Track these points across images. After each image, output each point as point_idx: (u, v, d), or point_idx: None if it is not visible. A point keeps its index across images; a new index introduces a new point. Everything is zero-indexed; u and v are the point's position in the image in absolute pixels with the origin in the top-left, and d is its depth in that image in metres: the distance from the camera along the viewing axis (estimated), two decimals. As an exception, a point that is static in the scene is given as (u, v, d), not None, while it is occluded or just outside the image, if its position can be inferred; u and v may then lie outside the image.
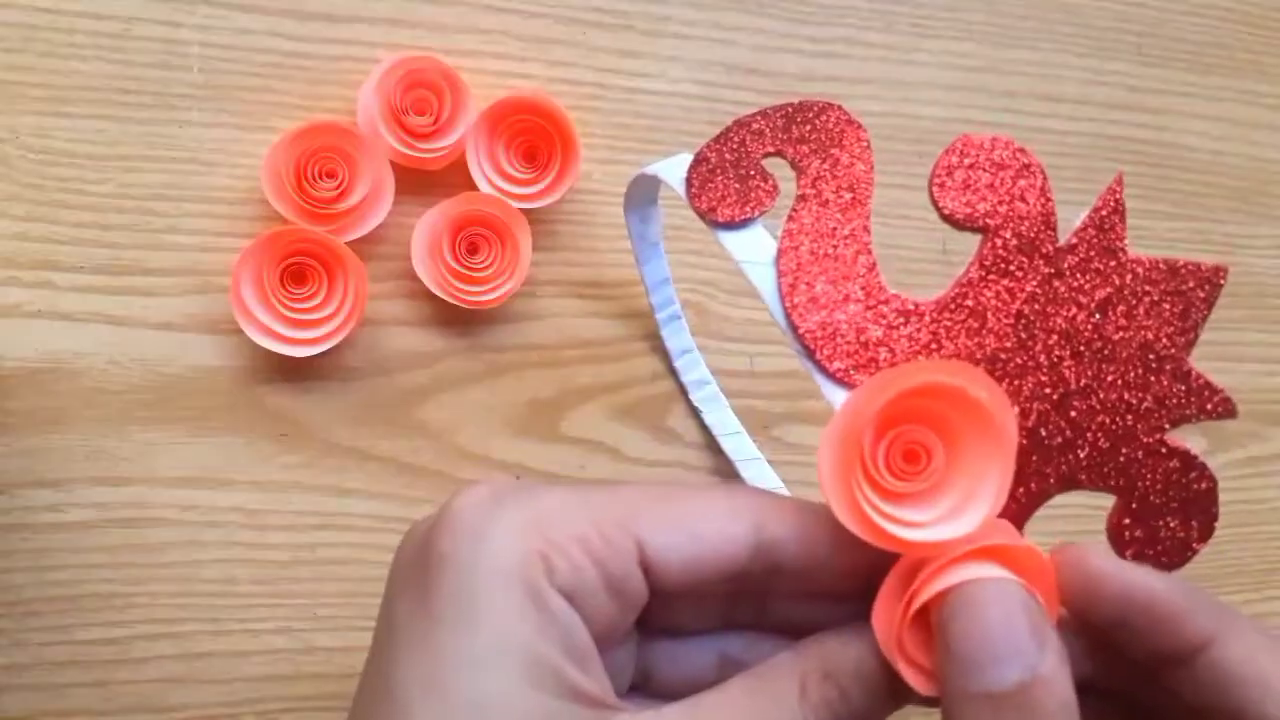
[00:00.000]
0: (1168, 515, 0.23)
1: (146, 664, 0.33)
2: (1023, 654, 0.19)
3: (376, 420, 0.36)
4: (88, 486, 0.33)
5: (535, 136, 0.36)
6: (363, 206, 0.34)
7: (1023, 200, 0.24)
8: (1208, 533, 0.23)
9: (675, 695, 0.22)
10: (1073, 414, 0.23)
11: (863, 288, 0.24)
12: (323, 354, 0.34)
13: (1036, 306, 0.24)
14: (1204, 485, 0.23)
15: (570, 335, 0.37)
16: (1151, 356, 0.23)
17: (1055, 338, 0.23)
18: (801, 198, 0.25)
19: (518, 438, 0.37)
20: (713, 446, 0.38)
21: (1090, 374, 0.23)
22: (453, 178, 0.36)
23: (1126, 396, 0.23)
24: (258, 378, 0.35)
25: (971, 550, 0.20)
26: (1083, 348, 0.23)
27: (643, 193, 0.34)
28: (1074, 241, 0.24)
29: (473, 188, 0.36)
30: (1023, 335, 0.23)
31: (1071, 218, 0.24)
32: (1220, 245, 0.45)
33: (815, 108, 0.25)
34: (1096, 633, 0.22)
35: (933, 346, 0.23)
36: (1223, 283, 0.23)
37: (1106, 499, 0.23)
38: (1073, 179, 0.43)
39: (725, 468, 0.38)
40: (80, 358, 0.33)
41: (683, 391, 0.38)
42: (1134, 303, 0.23)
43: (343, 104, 0.36)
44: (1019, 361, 0.23)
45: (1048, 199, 0.24)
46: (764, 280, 0.24)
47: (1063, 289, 0.24)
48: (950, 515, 0.21)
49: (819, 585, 0.23)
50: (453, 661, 0.20)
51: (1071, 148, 0.43)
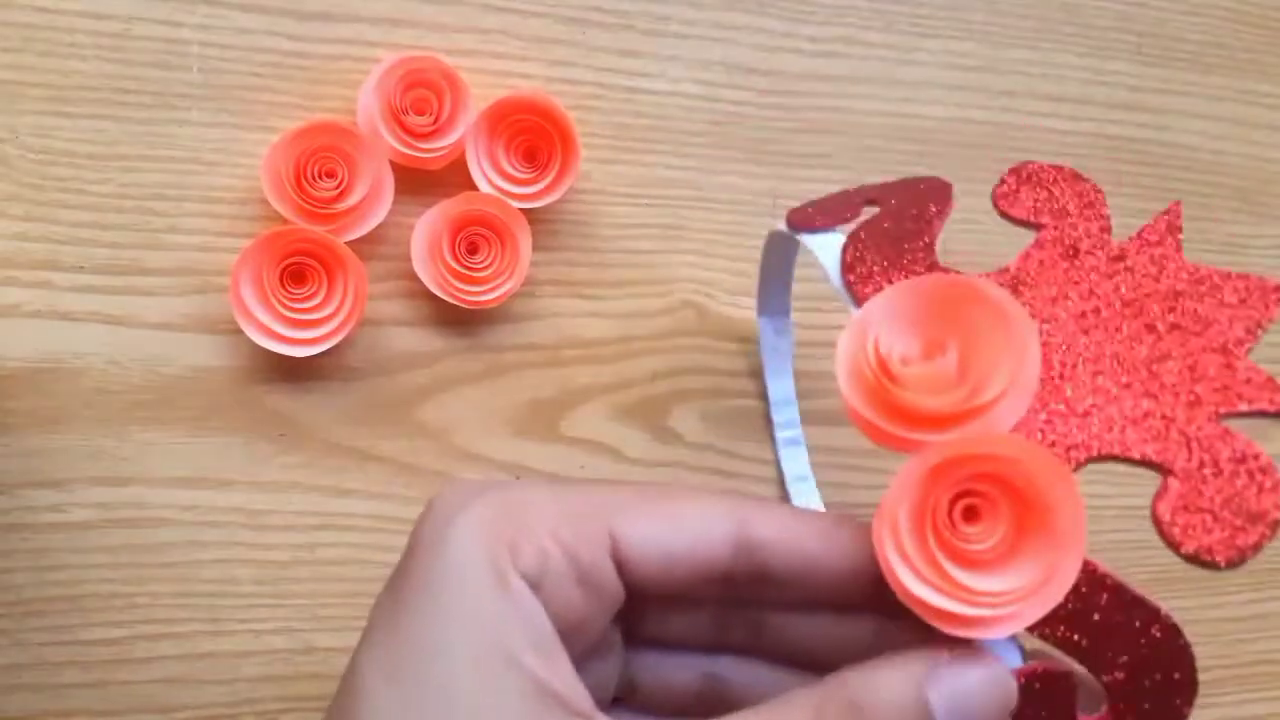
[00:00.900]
0: (1221, 507, 0.21)
1: (147, 664, 0.33)
2: None
3: (376, 420, 0.36)
4: (88, 486, 0.33)
5: (535, 136, 0.36)
6: (362, 206, 0.34)
7: (1077, 206, 0.25)
8: (1268, 533, 0.21)
9: (658, 710, 0.22)
10: (1136, 383, 0.23)
11: (921, 265, 0.25)
12: (322, 354, 0.34)
13: (1101, 279, 0.24)
14: (1266, 479, 0.21)
15: (570, 335, 0.37)
16: (1218, 345, 0.23)
17: (1121, 306, 0.24)
18: (878, 213, 0.26)
19: (518, 438, 0.37)
20: (713, 447, 0.38)
21: (1158, 348, 0.23)
22: (452, 177, 0.36)
23: (1191, 374, 0.23)
24: (257, 378, 0.35)
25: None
26: (1155, 321, 0.23)
27: (775, 293, 0.35)
28: (1129, 243, 0.24)
29: (473, 187, 0.36)
30: (1090, 301, 0.24)
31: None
32: (1220, 245, 0.45)
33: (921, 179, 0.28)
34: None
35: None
36: None
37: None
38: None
39: (725, 467, 0.38)
40: (80, 358, 0.33)
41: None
42: (1201, 298, 0.24)
43: (342, 104, 0.36)
44: (1085, 321, 0.23)
45: (1104, 211, 0.25)
46: (830, 259, 0.25)
47: (1127, 273, 0.24)
48: (1022, 595, 0.20)
49: (811, 594, 0.22)
50: (418, 647, 0.20)
51: (1072, 147, 0.43)
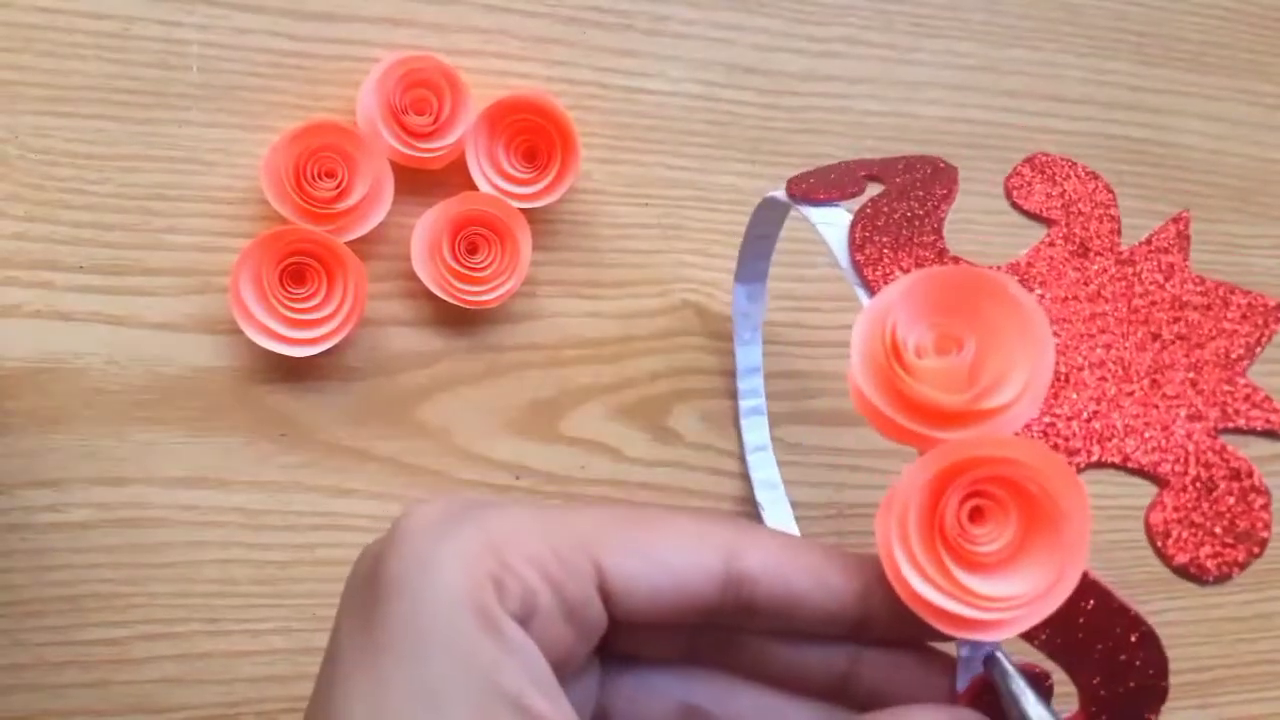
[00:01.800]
0: (1213, 523, 0.21)
1: (146, 664, 0.33)
2: None
3: (376, 420, 0.36)
4: (87, 486, 0.33)
5: (535, 136, 0.36)
6: (362, 206, 0.34)
7: (1088, 204, 0.25)
8: (1255, 551, 0.21)
9: None
10: (1138, 390, 0.23)
11: (928, 249, 0.24)
12: (322, 354, 0.34)
13: (1109, 283, 0.24)
14: (1257, 499, 0.21)
15: (570, 335, 0.37)
16: (1220, 359, 0.23)
17: (1128, 312, 0.23)
18: (885, 191, 0.26)
19: (518, 438, 0.37)
20: (713, 447, 0.38)
21: (1162, 357, 0.23)
22: (452, 177, 0.36)
23: (1192, 387, 0.23)
24: (257, 378, 0.35)
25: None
26: (1160, 330, 0.23)
27: (755, 259, 0.35)
28: (1138, 248, 0.24)
29: (472, 187, 0.36)
30: (1098, 304, 0.24)
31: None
32: (1220, 245, 0.45)
33: (919, 157, 0.27)
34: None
35: None
36: None
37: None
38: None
39: (725, 467, 0.38)
40: (80, 358, 0.33)
41: (749, 485, 0.38)
42: (1206, 310, 0.23)
43: (342, 103, 0.36)
44: (1092, 325, 0.23)
45: (1114, 211, 0.25)
46: (836, 237, 0.25)
47: (1135, 278, 0.24)
48: (1026, 600, 0.20)
49: (793, 625, 0.22)
50: (402, 694, 0.18)
51: (1072, 147, 0.43)
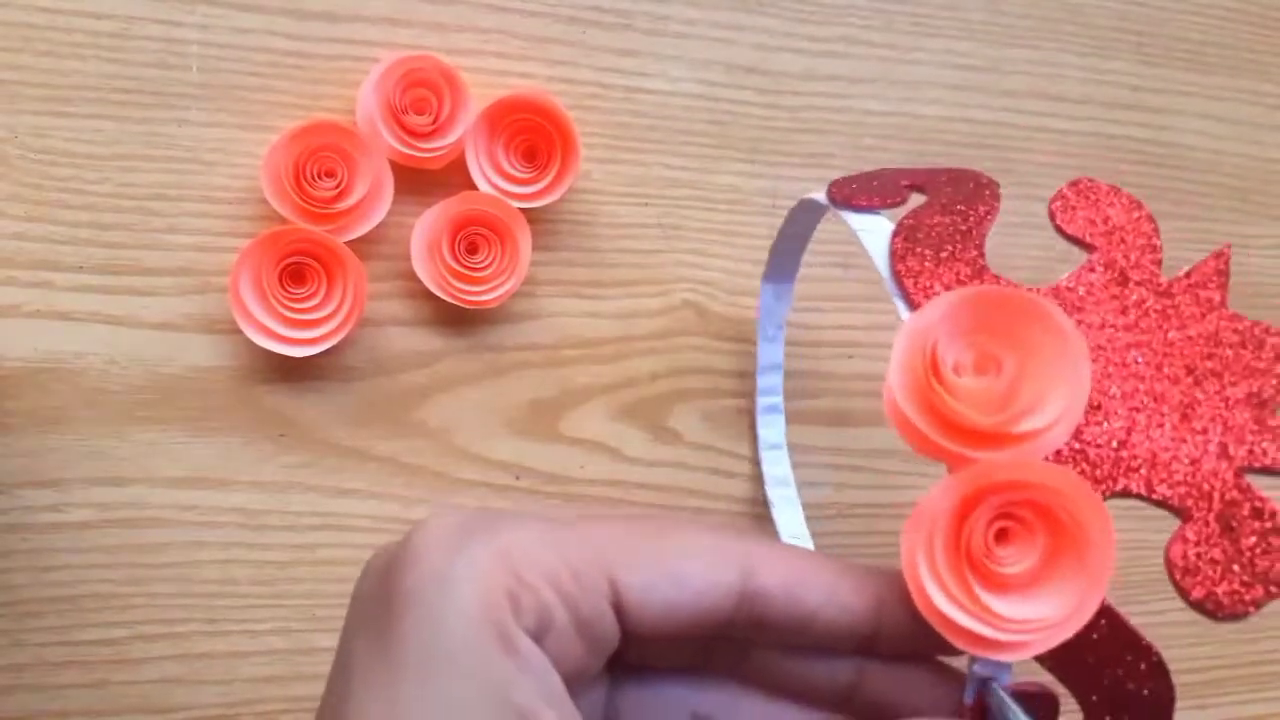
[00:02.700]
0: (1232, 560, 0.21)
1: (145, 664, 0.33)
2: None
3: (376, 420, 0.36)
4: (87, 487, 0.33)
5: (535, 136, 0.36)
6: (362, 206, 0.34)
7: (1131, 234, 0.25)
8: (1272, 592, 0.21)
9: None
10: (1168, 423, 0.23)
11: (969, 266, 0.24)
12: (322, 354, 0.34)
13: (1146, 313, 0.24)
14: (1277, 541, 0.21)
15: (570, 335, 0.37)
16: (1251, 398, 0.23)
17: (1163, 344, 0.23)
18: (928, 203, 0.26)
19: (518, 438, 0.37)
20: (713, 447, 0.38)
21: (1194, 392, 0.23)
22: (452, 177, 0.36)
23: (1222, 424, 0.23)
24: (257, 378, 0.35)
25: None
26: (1193, 364, 0.23)
27: (786, 259, 0.35)
28: (1178, 281, 0.25)
29: (472, 187, 0.36)
30: (1134, 334, 0.24)
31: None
32: (1219, 245, 0.45)
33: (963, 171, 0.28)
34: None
35: None
36: None
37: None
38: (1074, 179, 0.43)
39: (725, 467, 0.38)
40: (79, 358, 0.33)
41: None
42: (1241, 348, 0.24)
43: (342, 103, 0.36)
44: (1127, 354, 0.23)
45: (1156, 242, 0.25)
46: (876, 245, 0.25)
47: (1172, 311, 0.24)
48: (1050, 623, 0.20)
49: (804, 640, 0.22)
50: (417, 711, 0.18)
51: (1072, 147, 0.43)
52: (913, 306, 0.23)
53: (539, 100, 0.35)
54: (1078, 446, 0.22)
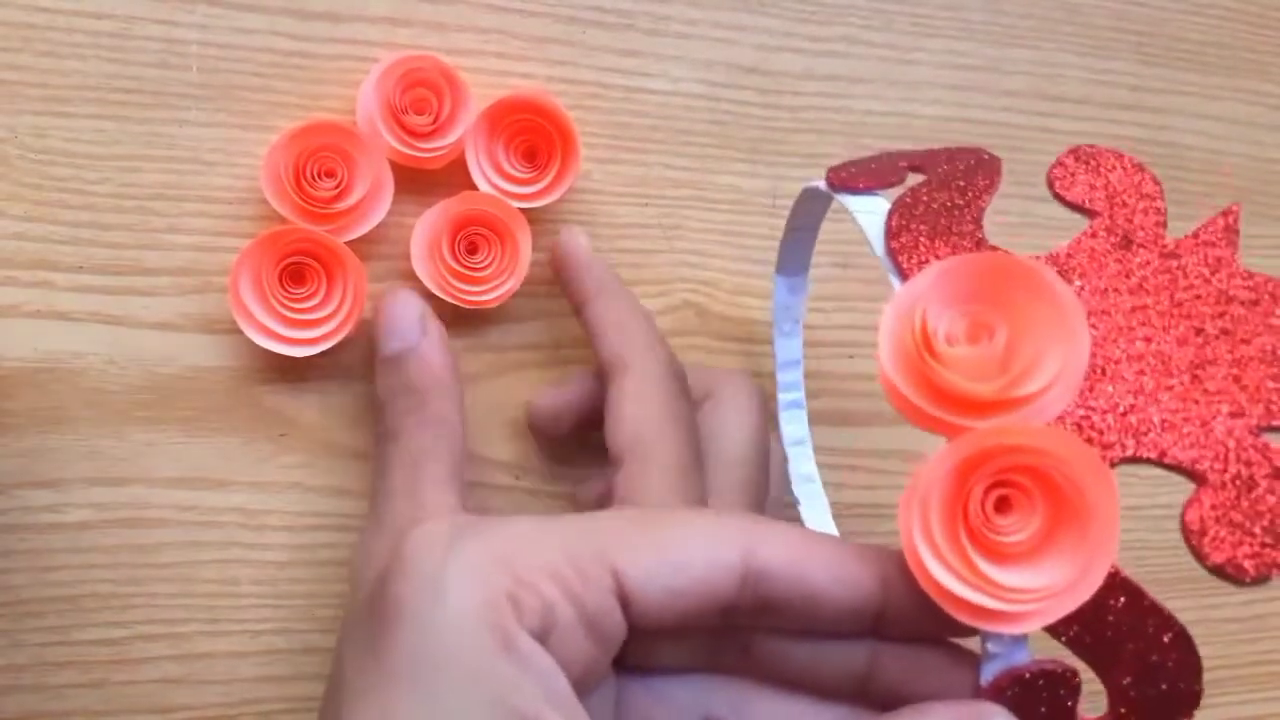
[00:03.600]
0: (1252, 522, 0.21)
1: (145, 665, 0.33)
2: (405, 334, 0.29)
3: (376, 420, 0.35)
4: (86, 487, 0.33)
5: (535, 136, 0.36)
6: (362, 206, 0.34)
7: (1134, 196, 0.25)
8: None
9: None
10: (1178, 385, 0.22)
11: (967, 239, 0.24)
12: (322, 354, 0.34)
13: (1152, 275, 0.23)
14: None
15: (570, 335, 0.37)
16: (1265, 355, 0.22)
17: (1170, 306, 0.23)
18: (925, 180, 0.25)
19: (518, 438, 0.37)
20: (713, 446, 0.38)
21: (1204, 352, 0.22)
22: (452, 177, 0.36)
23: (1235, 383, 0.22)
24: (256, 378, 0.35)
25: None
26: (1204, 325, 0.23)
27: (796, 251, 0.34)
28: (1184, 241, 0.24)
29: (472, 187, 0.36)
30: (1139, 297, 0.23)
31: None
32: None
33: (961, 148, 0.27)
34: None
35: None
36: None
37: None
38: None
39: (725, 468, 0.38)
40: (79, 358, 0.33)
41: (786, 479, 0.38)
42: (1253, 305, 0.23)
43: (342, 103, 0.36)
44: (1132, 318, 0.23)
45: (1160, 204, 0.25)
46: (873, 225, 0.24)
47: (1179, 271, 0.23)
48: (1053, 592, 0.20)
49: (814, 624, 0.21)
50: None
51: (1072, 147, 0.43)
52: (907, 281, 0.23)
53: (539, 100, 0.35)
54: (1082, 413, 0.22)
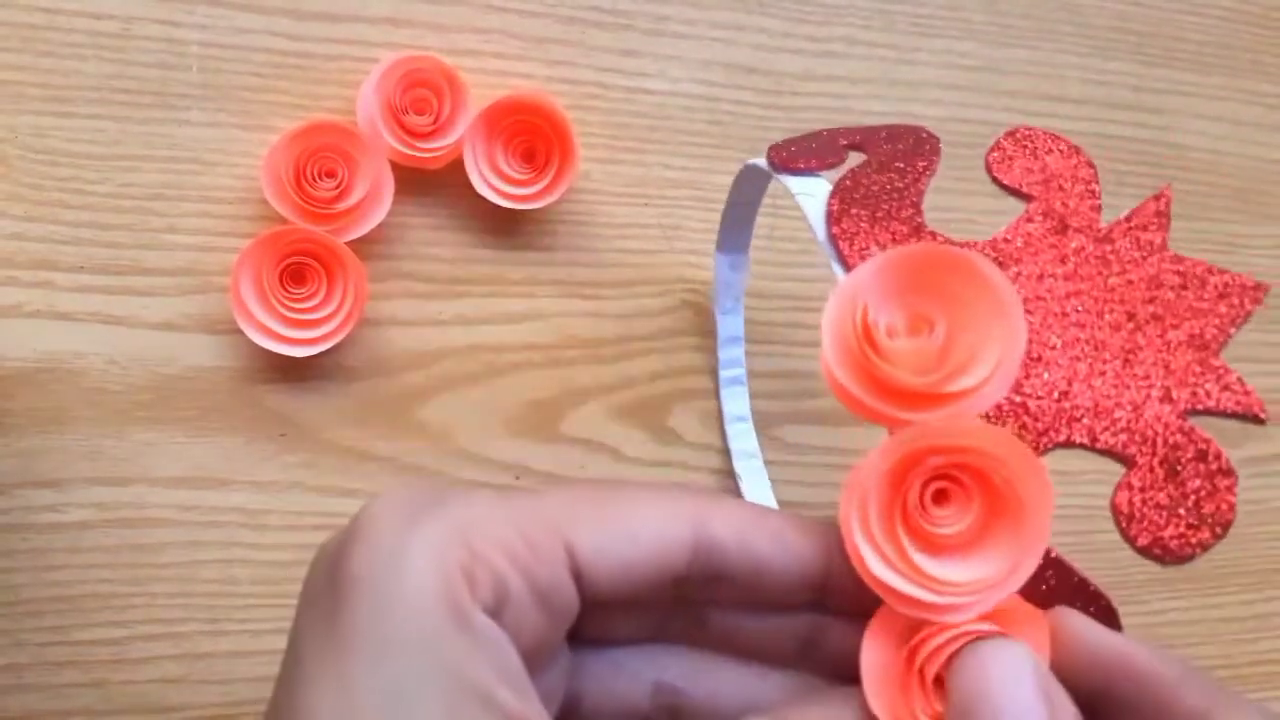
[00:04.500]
0: (1178, 504, 0.22)
1: (145, 664, 0.33)
2: (1031, 714, 0.18)
3: (376, 420, 0.36)
4: (87, 487, 0.33)
5: (533, 137, 0.36)
6: (362, 206, 0.34)
7: (1069, 180, 0.25)
8: (1219, 533, 0.22)
9: None
10: (1110, 370, 0.23)
11: (906, 225, 0.24)
12: (322, 354, 0.34)
13: (1086, 260, 0.24)
14: (1223, 481, 0.22)
15: (570, 335, 0.37)
16: (1194, 340, 0.23)
17: (1103, 291, 0.23)
18: (865, 162, 0.26)
19: (518, 438, 0.37)
20: (713, 446, 0.38)
21: (1136, 337, 0.23)
22: (452, 177, 0.36)
23: (1164, 368, 0.23)
24: (257, 378, 0.35)
25: (979, 617, 0.20)
26: (1134, 309, 0.23)
27: (737, 228, 0.34)
28: (1117, 225, 0.25)
29: (471, 187, 0.36)
30: (1074, 282, 0.23)
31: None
32: (1220, 245, 0.45)
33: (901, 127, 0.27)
34: (1081, 701, 0.20)
35: None
36: (1262, 300, 0.24)
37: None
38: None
39: (725, 467, 0.38)
40: (79, 358, 0.33)
41: (727, 456, 0.38)
42: (1182, 290, 0.24)
43: (342, 103, 0.36)
44: (1067, 303, 0.23)
45: (1095, 188, 0.25)
46: (814, 208, 0.25)
47: (1112, 256, 0.24)
48: (986, 584, 0.20)
49: (762, 595, 0.21)
50: (368, 697, 0.18)
51: (1072, 147, 0.43)
52: (848, 269, 0.23)
53: (537, 101, 0.35)
54: (1018, 399, 0.22)
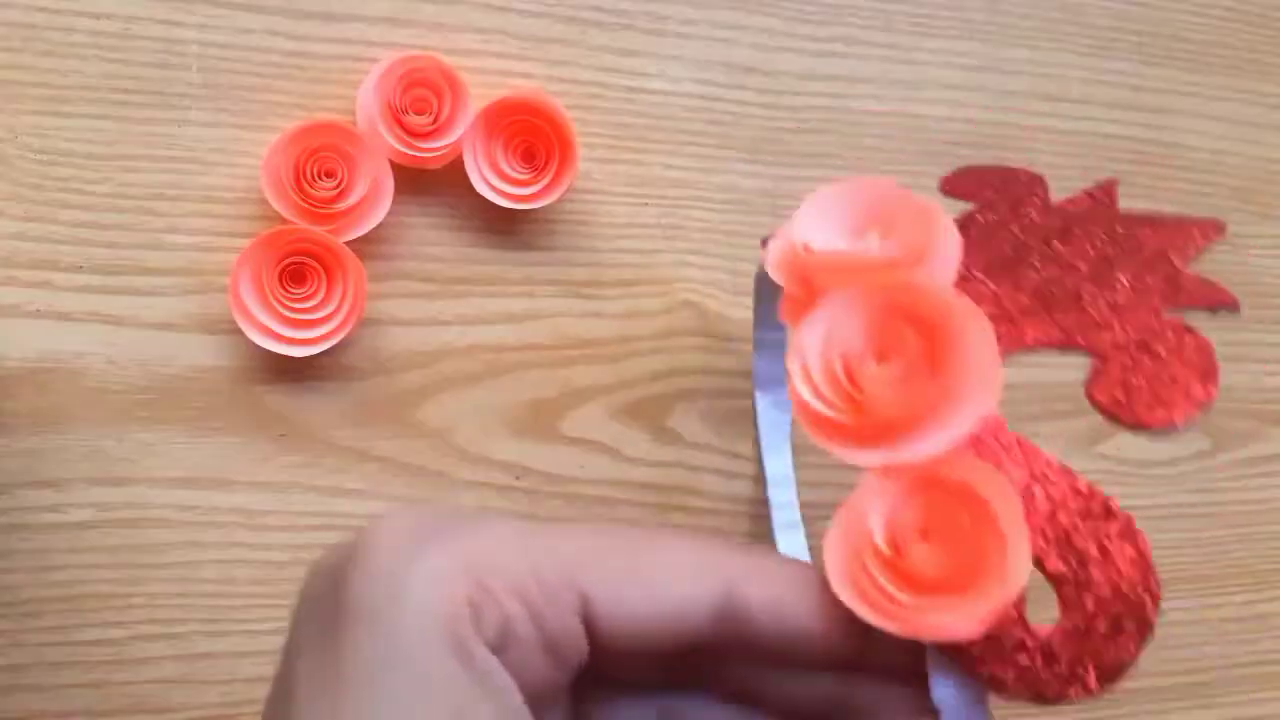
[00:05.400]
0: (1163, 377, 0.23)
1: (145, 665, 0.33)
2: None
3: (376, 420, 0.36)
4: (87, 486, 0.33)
5: (533, 136, 0.36)
6: (362, 206, 0.34)
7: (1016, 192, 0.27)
8: (1206, 397, 0.22)
9: None
10: (1092, 285, 0.24)
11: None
12: (322, 354, 0.34)
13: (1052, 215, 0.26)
14: (1201, 344, 0.23)
15: (570, 335, 0.37)
16: (1163, 259, 0.25)
17: (1089, 231, 0.25)
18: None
19: (518, 438, 0.37)
20: (713, 446, 0.38)
21: (1108, 260, 0.25)
22: (452, 177, 0.36)
23: (1139, 280, 0.24)
24: (257, 378, 0.35)
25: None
26: (1109, 237, 0.25)
27: (770, 362, 0.34)
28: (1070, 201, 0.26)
29: (471, 187, 0.36)
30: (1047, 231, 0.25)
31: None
32: (1220, 245, 0.45)
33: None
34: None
35: None
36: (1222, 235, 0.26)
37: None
38: (1074, 178, 0.42)
39: (725, 467, 0.38)
40: (79, 357, 0.33)
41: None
42: (1140, 226, 0.25)
43: (342, 103, 0.36)
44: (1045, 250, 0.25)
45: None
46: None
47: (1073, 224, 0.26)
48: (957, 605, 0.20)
49: (786, 659, 0.21)
50: None
51: (1072, 147, 0.43)
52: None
53: (536, 100, 0.35)
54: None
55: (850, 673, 0.21)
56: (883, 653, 0.20)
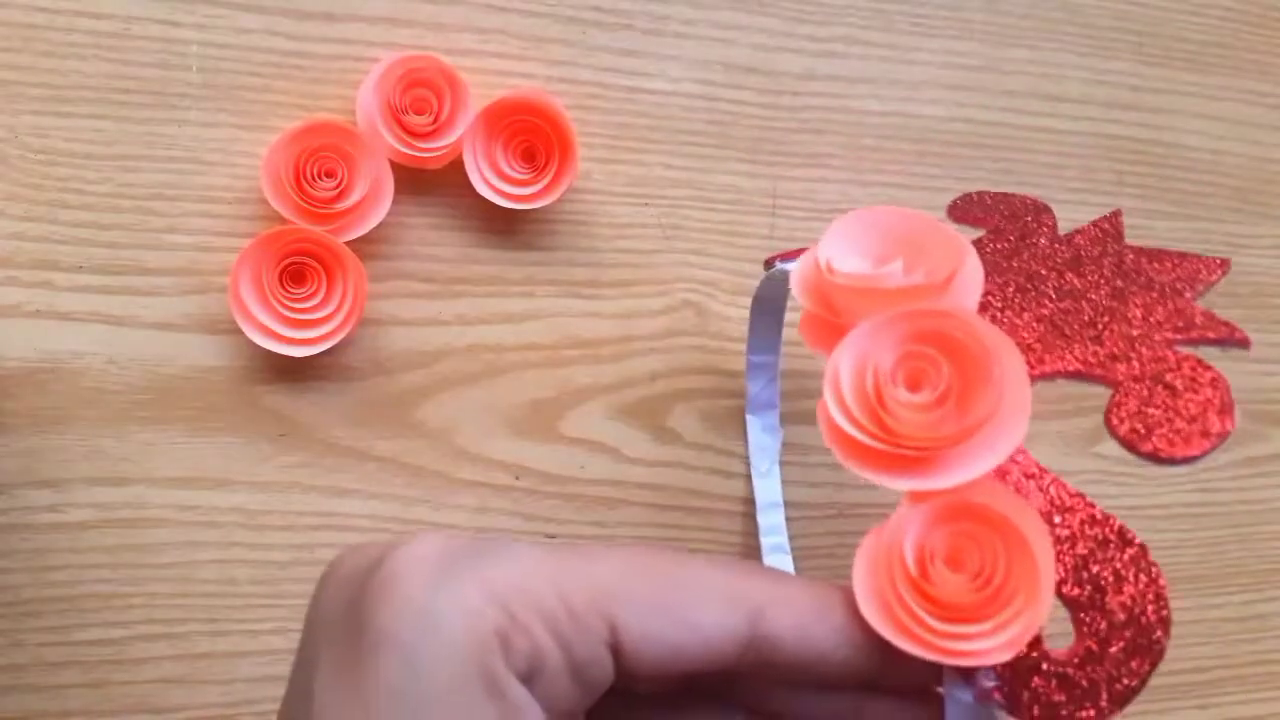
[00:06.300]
0: (1180, 411, 0.23)
1: (145, 664, 0.33)
2: None
3: (376, 420, 0.36)
4: (86, 486, 0.33)
5: (533, 136, 0.36)
6: (362, 206, 0.34)
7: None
8: (1223, 431, 0.22)
9: None
10: (1106, 317, 0.24)
11: None
12: (322, 354, 0.34)
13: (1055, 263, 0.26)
14: (1217, 379, 0.23)
15: (570, 335, 0.37)
16: (1173, 293, 0.25)
17: (1098, 263, 0.25)
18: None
19: (517, 438, 0.37)
20: (713, 446, 0.38)
21: (1121, 292, 0.25)
22: (452, 177, 0.36)
23: (1151, 313, 0.24)
24: (256, 378, 0.35)
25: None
26: (1124, 269, 0.25)
27: (762, 387, 0.34)
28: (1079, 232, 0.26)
29: (470, 187, 0.36)
30: (1066, 262, 0.25)
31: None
32: (1220, 245, 0.45)
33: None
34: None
35: None
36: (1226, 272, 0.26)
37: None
38: (1074, 179, 0.43)
39: (725, 467, 0.38)
40: (79, 357, 0.33)
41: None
42: (1150, 261, 0.26)
43: (342, 103, 0.36)
44: (1059, 282, 0.25)
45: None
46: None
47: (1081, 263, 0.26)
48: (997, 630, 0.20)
49: (810, 682, 0.21)
50: None
51: (1072, 147, 0.43)
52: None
53: (536, 100, 0.35)
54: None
55: (865, 691, 0.21)
56: (900, 672, 0.21)
